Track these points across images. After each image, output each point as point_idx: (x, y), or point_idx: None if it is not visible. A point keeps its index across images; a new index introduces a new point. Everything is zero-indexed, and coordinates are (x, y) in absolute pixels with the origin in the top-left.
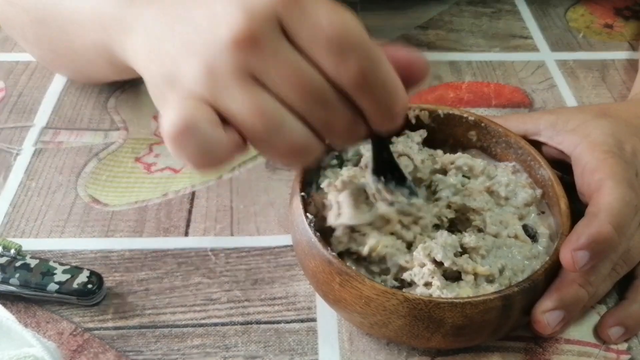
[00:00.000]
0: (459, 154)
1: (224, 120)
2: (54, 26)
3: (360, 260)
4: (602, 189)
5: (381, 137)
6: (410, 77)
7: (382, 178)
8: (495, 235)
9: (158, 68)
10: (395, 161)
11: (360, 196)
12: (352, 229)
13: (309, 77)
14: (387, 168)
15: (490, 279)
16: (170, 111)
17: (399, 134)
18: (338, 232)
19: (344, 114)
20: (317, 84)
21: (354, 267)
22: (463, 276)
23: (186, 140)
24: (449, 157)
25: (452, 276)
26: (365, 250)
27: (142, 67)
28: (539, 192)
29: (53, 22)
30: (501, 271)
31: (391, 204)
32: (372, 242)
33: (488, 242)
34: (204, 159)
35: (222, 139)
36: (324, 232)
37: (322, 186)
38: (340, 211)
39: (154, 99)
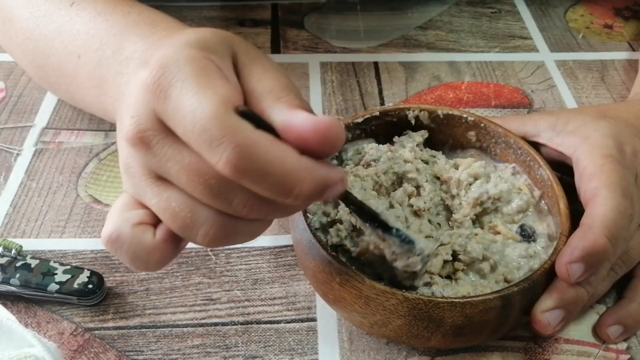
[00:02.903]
0: (460, 170)
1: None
2: (53, 75)
3: (354, 260)
4: (597, 199)
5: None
6: (318, 150)
7: (370, 225)
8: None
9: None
10: (368, 209)
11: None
12: (354, 228)
13: (200, 171)
14: (369, 217)
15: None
16: (107, 219)
17: (400, 134)
18: (341, 227)
19: (252, 200)
20: (210, 177)
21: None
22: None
23: (116, 249)
24: (451, 170)
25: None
26: (354, 253)
27: None
28: (537, 193)
29: (52, 72)
30: (493, 267)
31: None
32: (363, 245)
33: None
34: (137, 263)
35: (146, 243)
36: (324, 227)
37: None
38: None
39: None
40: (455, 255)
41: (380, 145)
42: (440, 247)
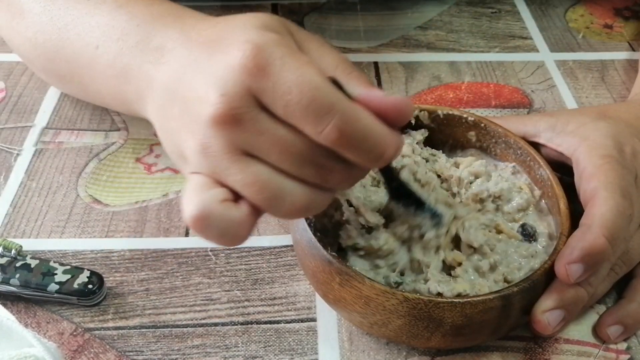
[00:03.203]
0: (461, 168)
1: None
2: (65, 67)
3: (366, 255)
4: (596, 199)
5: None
6: (394, 120)
7: (401, 203)
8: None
9: (169, 145)
10: (407, 186)
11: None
12: (362, 226)
13: (293, 143)
14: (402, 193)
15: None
16: (187, 200)
17: (401, 132)
18: (350, 227)
19: (337, 167)
20: (303, 148)
21: (359, 263)
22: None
23: (204, 228)
24: (452, 168)
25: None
26: (381, 242)
27: (160, 137)
28: (537, 192)
29: (65, 64)
30: (493, 267)
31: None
32: (385, 236)
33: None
34: (226, 239)
35: (236, 218)
36: (333, 227)
37: None
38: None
39: (175, 164)
40: (457, 242)
41: None
42: (452, 221)
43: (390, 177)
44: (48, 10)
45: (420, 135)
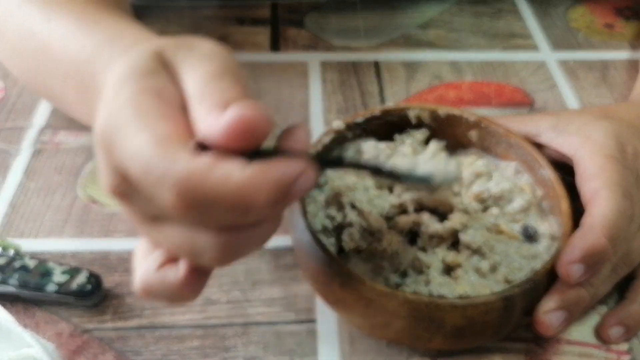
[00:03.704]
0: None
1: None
2: (43, 92)
3: (368, 257)
4: (597, 199)
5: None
6: (245, 142)
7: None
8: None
9: None
10: (374, 166)
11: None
12: (364, 229)
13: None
14: (377, 172)
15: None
16: (135, 270)
17: (401, 133)
18: (353, 230)
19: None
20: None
21: (360, 264)
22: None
23: (151, 297)
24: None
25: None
26: (384, 244)
27: None
28: (539, 193)
29: (42, 89)
30: (494, 268)
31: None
32: (388, 237)
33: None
34: (174, 301)
35: (173, 282)
36: (335, 229)
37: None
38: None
39: None
40: (455, 244)
41: (379, 143)
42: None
43: (347, 167)
44: (18, 33)
45: (421, 135)
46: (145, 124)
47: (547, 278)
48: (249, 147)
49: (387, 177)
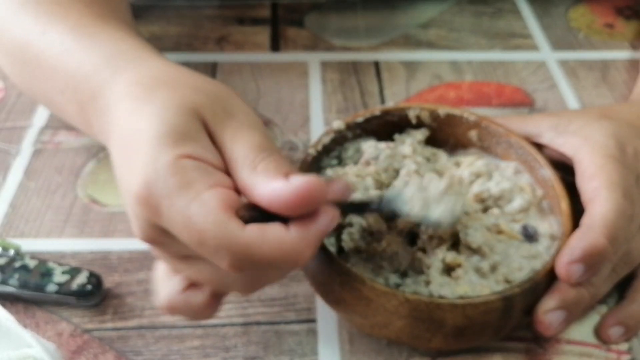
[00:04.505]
0: (462, 168)
1: None
2: (40, 101)
3: (370, 258)
4: (597, 199)
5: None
6: (306, 208)
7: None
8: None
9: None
10: (391, 211)
11: None
12: (363, 229)
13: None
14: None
15: (488, 269)
16: (156, 289)
17: (402, 131)
18: (353, 230)
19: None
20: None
21: (360, 264)
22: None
23: (176, 314)
24: (453, 168)
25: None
26: (384, 244)
27: None
28: (539, 192)
29: (39, 98)
30: (494, 268)
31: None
32: (388, 237)
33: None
34: (197, 318)
35: (198, 303)
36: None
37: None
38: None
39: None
40: (456, 244)
41: (379, 143)
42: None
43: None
44: (13, 44)
45: (421, 134)
46: (193, 197)
47: (547, 278)
48: (305, 213)
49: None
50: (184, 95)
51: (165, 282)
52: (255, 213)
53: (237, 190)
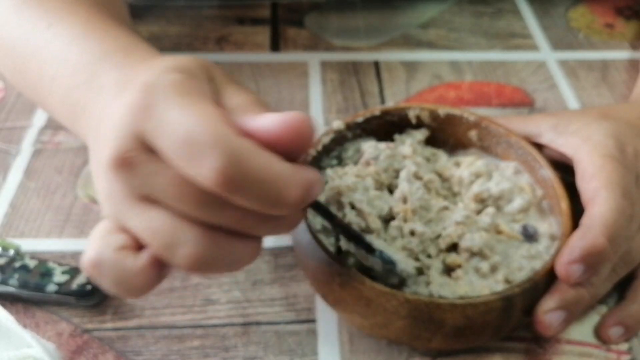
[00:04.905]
0: (462, 168)
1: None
2: (31, 95)
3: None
4: (597, 199)
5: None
6: (294, 145)
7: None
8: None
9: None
10: (352, 230)
11: None
12: (362, 229)
13: (186, 186)
14: (350, 235)
15: (488, 269)
16: (88, 245)
17: (401, 133)
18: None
19: (242, 212)
20: (196, 191)
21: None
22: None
23: (97, 274)
24: (452, 168)
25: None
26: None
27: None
28: (539, 193)
29: (30, 92)
30: (494, 268)
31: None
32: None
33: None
34: (121, 288)
35: (130, 267)
36: (326, 229)
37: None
38: None
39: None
40: (455, 246)
41: (379, 143)
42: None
43: (329, 218)
44: (11, 38)
45: (421, 134)
46: (193, 101)
47: (547, 278)
48: (294, 149)
49: (359, 244)
50: (195, 57)
51: (100, 237)
52: None
53: None
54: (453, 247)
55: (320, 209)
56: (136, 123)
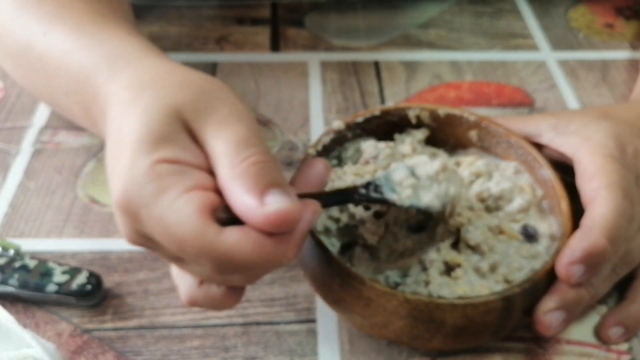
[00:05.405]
0: (462, 168)
1: None
2: (45, 100)
3: (376, 254)
4: (597, 200)
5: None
6: (279, 230)
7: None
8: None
9: None
10: (380, 199)
11: None
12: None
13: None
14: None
15: (487, 268)
16: (177, 285)
17: (402, 131)
18: (368, 225)
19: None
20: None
21: (363, 262)
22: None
23: (200, 307)
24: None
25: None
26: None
27: None
28: (539, 193)
29: (43, 99)
30: (494, 268)
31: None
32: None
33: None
34: (222, 308)
35: (218, 295)
36: (337, 230)
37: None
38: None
39: None
40: (456, 243)
41: (379, 143)
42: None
43: (344, 201)
44: (16, 45)
45: (421, 134)
46: (169, 204)
47: (547, 278)
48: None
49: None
50: (166, 95)
51: (181, 277)
52: (234, 214)
53: (219, 190)
54: (454, 245)
55: (331, 202)
56: (131, 223)
